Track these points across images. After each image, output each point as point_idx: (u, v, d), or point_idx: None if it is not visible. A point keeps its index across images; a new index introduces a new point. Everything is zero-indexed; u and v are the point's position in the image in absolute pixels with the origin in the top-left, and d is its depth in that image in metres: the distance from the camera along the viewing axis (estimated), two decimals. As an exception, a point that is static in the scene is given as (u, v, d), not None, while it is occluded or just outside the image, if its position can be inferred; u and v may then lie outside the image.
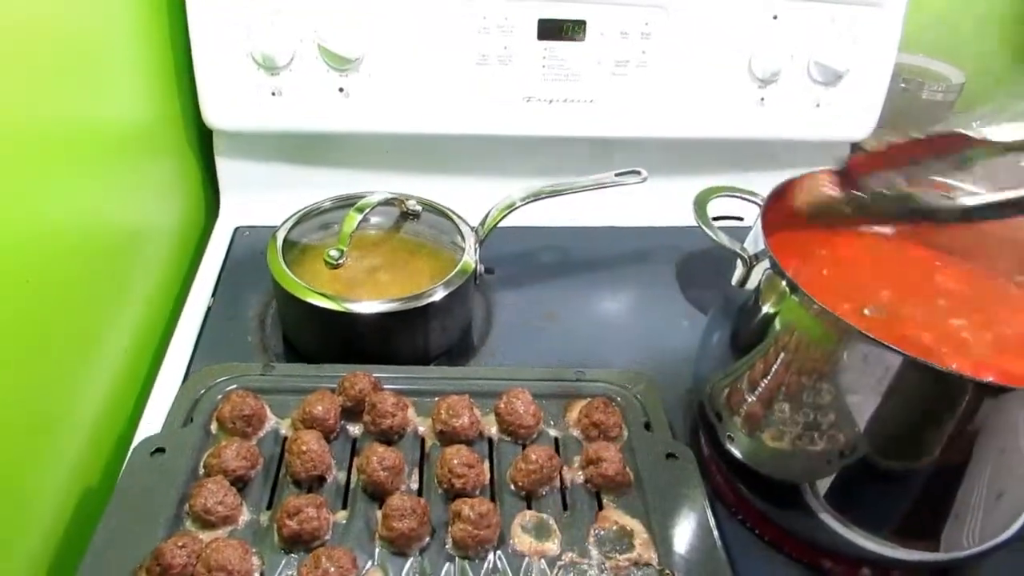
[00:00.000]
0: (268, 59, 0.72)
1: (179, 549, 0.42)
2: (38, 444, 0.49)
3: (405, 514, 0.44)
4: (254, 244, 0.76)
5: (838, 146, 0.88)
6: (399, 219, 0.67)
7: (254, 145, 0.79)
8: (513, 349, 0.66)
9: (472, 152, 0.81)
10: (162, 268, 0.71)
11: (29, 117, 0.48)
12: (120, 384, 0.61)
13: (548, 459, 0.48)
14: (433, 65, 0.75)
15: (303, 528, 0.44)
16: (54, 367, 0.51)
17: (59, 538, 0.51)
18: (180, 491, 0.47)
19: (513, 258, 0.75)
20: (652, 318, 0.72)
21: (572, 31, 0.76)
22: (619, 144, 0.81)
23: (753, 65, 0.79)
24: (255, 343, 0.65)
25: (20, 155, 0.47)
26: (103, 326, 0.58)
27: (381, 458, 0.47)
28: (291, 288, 0.59)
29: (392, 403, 0.51)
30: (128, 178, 0.65)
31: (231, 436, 0.51)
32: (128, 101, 0.65)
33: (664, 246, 0.80)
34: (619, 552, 0.46)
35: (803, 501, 0.49)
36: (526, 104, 0.77)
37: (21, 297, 0.46)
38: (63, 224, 0.52)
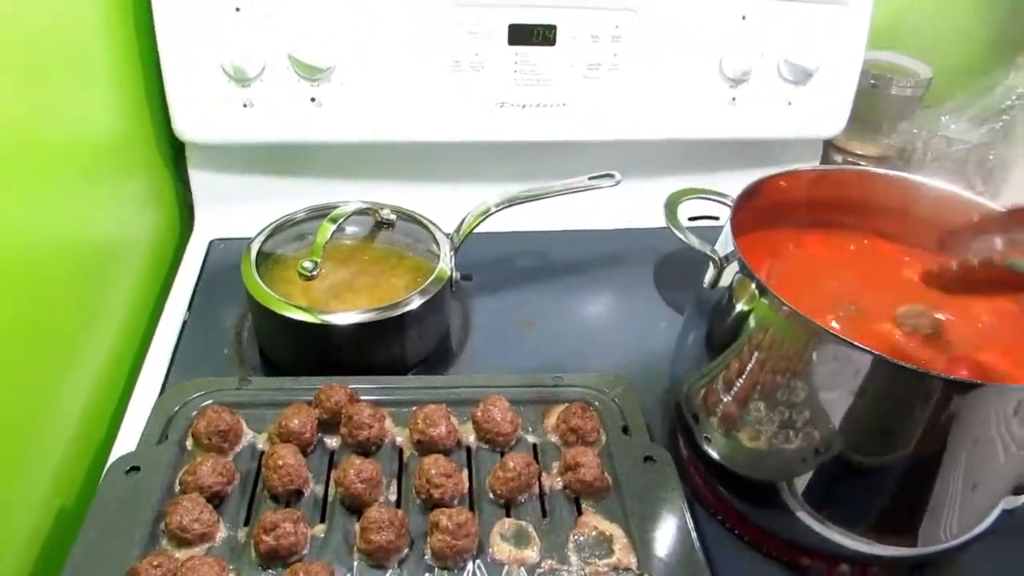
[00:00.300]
0: (239, 70, 0.71)
1: (154, 569, 0.42)
2: (12, 463, 0.48)
3: (383, 526, 0.44)
4: (229, 256, 0.75)
5: (810, 144, 0.89)
6: (373, 228, 0.67)
7: (227, 157, 0.78)
8: (492, 356, 0.66)
9: (446, 159, 0.81)
10: (137, 282, 0.70)
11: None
12: (96, 401, 0.60)
13: (526, 466, 0.49)
14: (406, 72, 0.75)
15: (280, 544, 0.44)
16: (28, 385, 0.51)
17: (35, 557, 0.50)
18: (155, 509, 0.47)
19: (490, 264, 0.75)
20: (630, 320, 0.72)
21: (543, 36, 0.77)
22: (593, 147, 0.82)
23: (724, 65, 0.80)
24: (231, 356, 0.65)
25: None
26: (77, 342, 0.58)
27: (359, 470, 0.47)
28: (265, 301, 0.59)
29: (369, 414, 0.51)
30: (101, 192, 0.64)
31: (207, 452, 0.50)
32: (99, 115, 0.64)
33: (640, 248, 0.80)
34: (598, 557, 0.46)
35: (781, 500, 0.50)
36: (499, 109, 0.78)
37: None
38: (33, 239, 0.51)
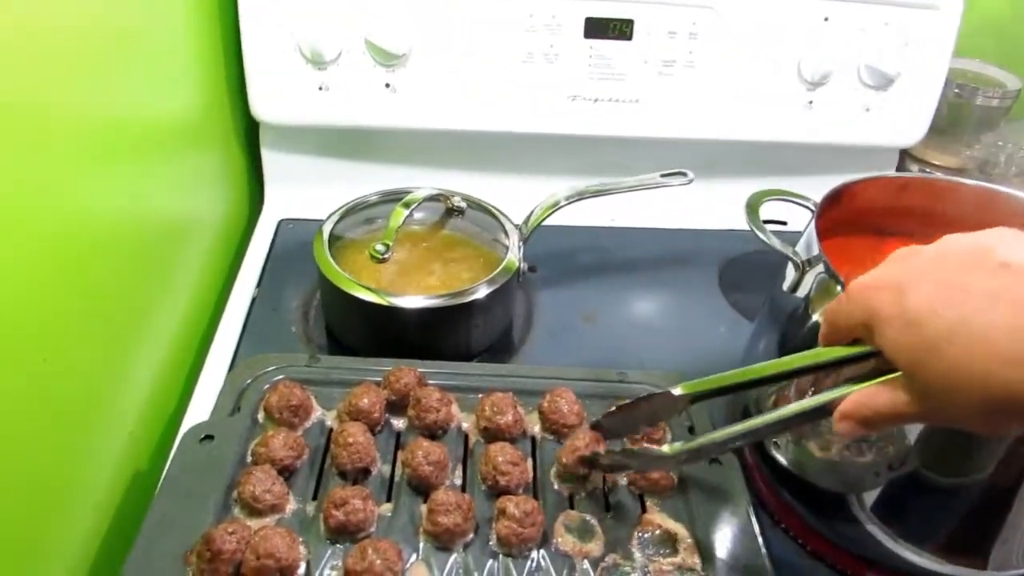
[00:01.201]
0: (316, 54, 0.72)
1: (229, 535, 0.43)
2: (89, 427, 0.50)
3: (450, 509, 0.44)
4: (298, 237, 0.77)
5: (887, 152, 0.87)
6: (444, 215, 0.68)
7: (300, 138, 0.80)
8: (553, 348, 0.66)
9: (516, 150, 0.81)
10: (208, 258, 0.72)
11: (82, 109, 0.48)
12: (167, 371, 0.62)
13: (594, 441, 0.49)
14: (479, 62, 0.75)
15: (349, 519, 0.44)
16: (104, 353, 0.52)
17: (110, 519, 0.52)
18: (228, 478, 0.48)
19: (554, 257, 0.75)
20: (693, 321, 0.71)
21: (619, 30, 0.76)
22: (663, 145, 0.81)
23: (802, 67, 0.78)
24: (299, 334, 0.66)
25: (75, 146, 0.47)
26: (151, 314, 0.60)
27: (426, 453, 0.48)
28: (337, 281, 0.60)
29: (437, 398, 0.51)
30: (177, 169, 0.66)
31: (278, 426, 0.51)
32: (178, 93, 0.66)
33: (707, 249, 0.79)
34: (663, 556, 0.45)
35: (849, 512, 0.49)
36: (571, 103, 0.77)
37: (73, 285, 0.47)
38: (111, 213, 0.53)
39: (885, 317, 0.34)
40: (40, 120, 0.44)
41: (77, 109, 0.48)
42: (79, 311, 0.48)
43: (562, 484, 0.49)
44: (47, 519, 0.46)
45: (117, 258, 0.54)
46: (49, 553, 0.46)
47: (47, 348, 0.45)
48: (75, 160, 0.48)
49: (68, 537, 0.48)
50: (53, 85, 0.45)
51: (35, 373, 0.44)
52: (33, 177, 0.43)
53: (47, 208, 0.44)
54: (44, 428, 0.45)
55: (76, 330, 0.48)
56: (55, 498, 0.47)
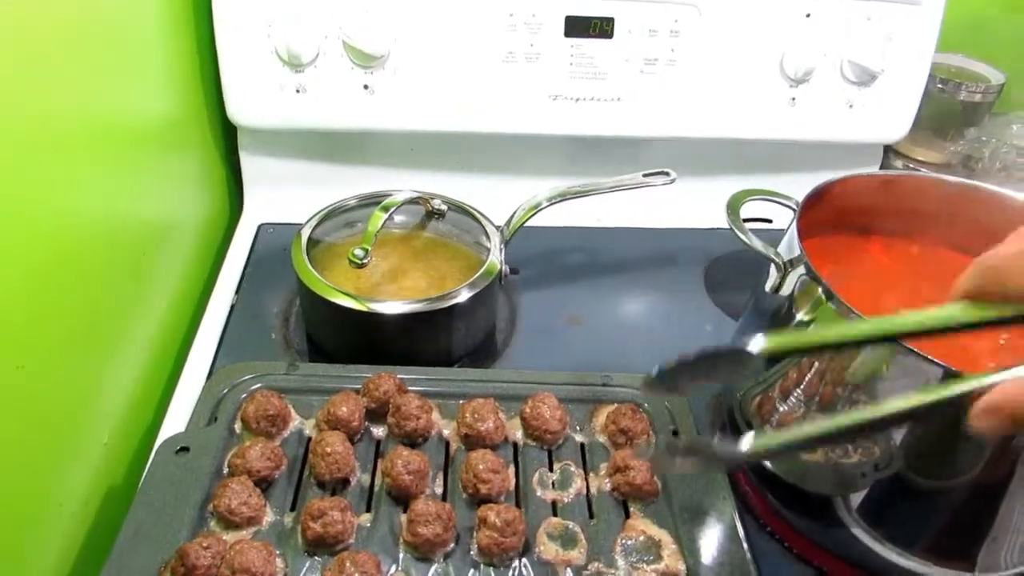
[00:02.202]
0: (293, 56, 0.71)
1: (204, 550, 0.42)
2: (63, 440, 0.49)
3: (431, 520, 0.44)
4: (278, 241, 0.76)
5: (871, 148, 0.86)
6: (424, 218, 0.67)
7: (278, 142, 0.79)
8: (537, 351, 0.65)
9: (497, 150, 0.80)
10: (186, 264, 0.71)
11: (55, 111, 0.47)
12: (144, 380, 0.61)
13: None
14: (459, 62, 0.74)
15: (327, 531, 0.44)
16: (80, 361, 0.51)
17: (84, 535, 0.51)
18: (204, 491, 0.47)
19: (537, 258, 0.75)
20: (679, 322, 0.71)
21: (600, 28, 0.75)
22: (646, 144, 0.80)
23: (785, 64, 0.78)
24: (279, 341, 0.65)
25: (47, 149, 0.46)
26: (128, 320, 0.58)
27: (406, 462, 0.47)
28: (315, 287, 0.59)
29: (417, 405, 0.51)
30: (154, 174, 0.65)
31: (256, 436, 0.50)
32: (154, 96, 0.65)
33: (691, 248, 0.79)
34: (647, 563, 0.45)
35: (835, 514, 0.48)
36: (552, 102, 0.77)
37: (48, 290, 0.46)
38: (88, 218, 0.52)
39: None
40: (12, 124, 0.42)
41: (49, 113, 0.47)
42: (54, 317, 0.47)
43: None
44: (20, 532, 0.45)
45: (93, 263, 0.53)
46: (22, 568, 0.45)
47: (21, 355, 0.43)
48: (49, 164, 0.47)
49: (41, 551, 0.47)
50: (24, 88, 0.44)
51: (9, 382, 0.42)
52: (5, 181, 0.42)
53: (20, 213, 0.43)
54: (18, 437, 0.44)
55: (51, 337, 0.47)
56: (29, 510, 0.46)
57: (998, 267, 0.30)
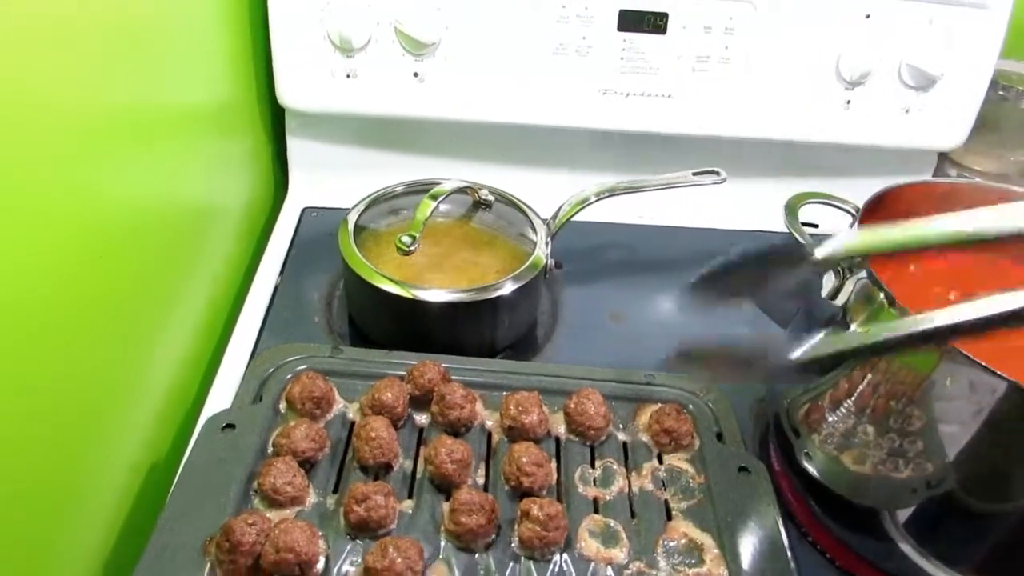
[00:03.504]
0: (345, 41, 0.71)
1: (249, 527, 0.42)
2: (109, 416, 0.50)
3: (473, 510, 0.44)
4: (321, 225, 0.76)
5: (926, 155, 0.84)
6: (471, 208, 0.67)
7: (325, 126, 0.79)
8: (578, 347, 0.65)
9: (544, 143, 0.80)
10: (231, 245, 0.72)
11: (109, 95, 0.48)
12: (189, 358, 0.62)
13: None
14: (510, 53, 0.73)
15: (370, 516, 0.44)
16: (128, 338, 0.52)
17: (129, 508, 0.52)
18: (249, 468, 0.47)
19: (581, 253, 0.74)
20: (722, 324, 0.69)
21: (653, 23, 0.74)
22: (695, 142, 0.79)
23: (841, 66, 0.76)
24: (321, 324, 0.65)
25: (104, 133, 0.47)
26: (175, 300, 0.59)
27: (450, 450, 0.47)
28: (362, 272, 0.59)
29: (461, 395, 0.51)
30: (203, 157, 0.65)
31: (300, 417, 0.51)
32: (205, 80, 0.65)
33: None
34: (688, 566, 0.44)
35: (882, 528, 0.47)
36: (602, 97, 0.76)
37: (98, 270, 0.47)
38: (139, 200, 0.53)
39: None
40: (70, 108, 0.43)
41: (106, 96, 0.47)
42: (103, 296, 0.48)
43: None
44: (67, 506, 0.45)
45: (142, 244, 0.53)
46: (69, 541, 0.46)
47: (71, 332, 0.44)
48: (104, 147, 0.47)
49: (88, 524, 0.48)
50: (83, 73, 0.44)
51: (58, 359, 0.43)
52: (62, 164, 0.42)
53: (75, 195, 0.44)
54: (67, 412, 0.45)
55: (100, 315, 0.48)
56: (77, 482, 0.46)
57: None
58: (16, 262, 0.38)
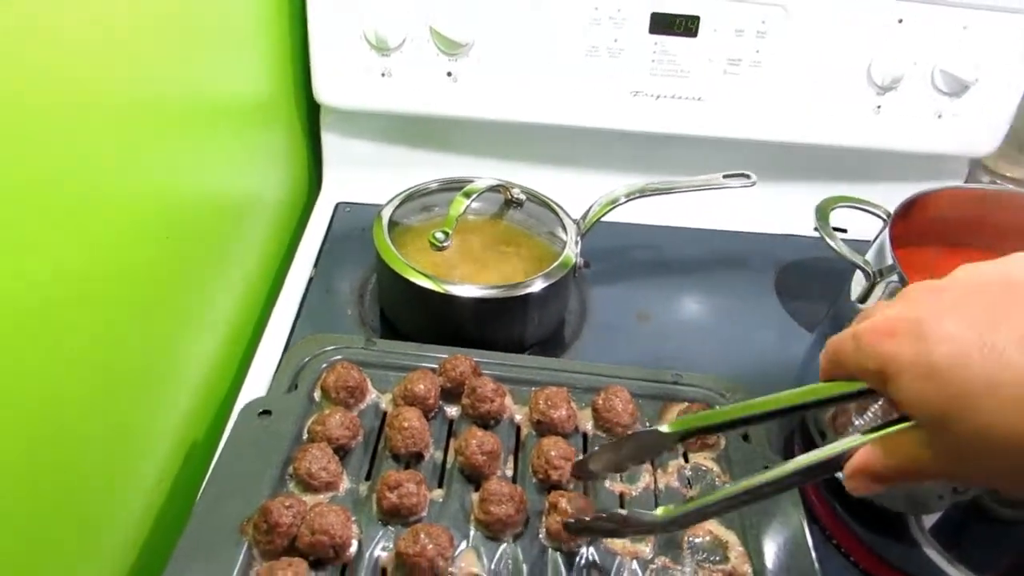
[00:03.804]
0: (381, 40, 0.73)
1: (286, 509, 0.43)
2: (153, 393, 0.52)
3: (503, 500, 0.45)
4: (354, 220, 0.78)
5: (957, 161, 0.84)
6: (502, 206, 0.68)
7: (360, 123, 0.80)
8: (605, 346, 0.66)
9: (575, 144, 0.81)
10: (267, 238, 0.73)
11: (157, 88, 0.49)
12: (225, 346, 0.63)
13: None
14: (542, 54, 0.74)
15: (402, 502, 0.45)
16: (168, 326, 0.53)
17: (168, 488, 0.53)
18: (284, 453, 0.49)
19: (609, 253, 0.75)
20: (748, 326, 0.70)
21: (685, 26, 0.75)
22: (724, 145, 0.79)
23: (873, 71, 0.76)
24: (353, 317, 0.67)
25: (151, 124, 0.49)
26: (212, 290, 0.61)
27: (480, 442, 0.48)
28: (395, 266, 0.60)
29: (492, 388, 0.52)
30: (241, 150, 0.67)
31: (334, 405, 0.52)
32: (246, 76, 0.67)
33: (763, 253, 0.78)
34: (712, 563, 0.45)
35: (907, 532, 0.48)
36: (633, 98, 0.76)
37: (141, 255, 0.48)
38: (180, 192, 0.54)
39: (903, 366, 0.30)
40: (120, 99, 0.44)
41: (153, 88, 0.49)
42: (145, 282, 0.49)
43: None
44: (111, 484, 0.47)
45: (185, 232, 0.55)
46: (111, 517, 0.48)
47: (113, 318, 0.46)
48: (150, 138, 0.49)
49: (128, 501, 0.49)
50: (136, 65, 0.46)
51: (101, 342, 0.45)
52: (110, 153, 0.44)
53: (125, 182, 0.46)
54: (110, 392, 0.46)
55: (141, 301, 0.49)
56: (118, 463, 0.48)
57: (835, 352, 0.34)
58: (71, 245, 0.40)
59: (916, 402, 0.29)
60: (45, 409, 0.39)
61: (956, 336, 0.28)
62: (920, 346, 0.29)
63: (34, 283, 0.37)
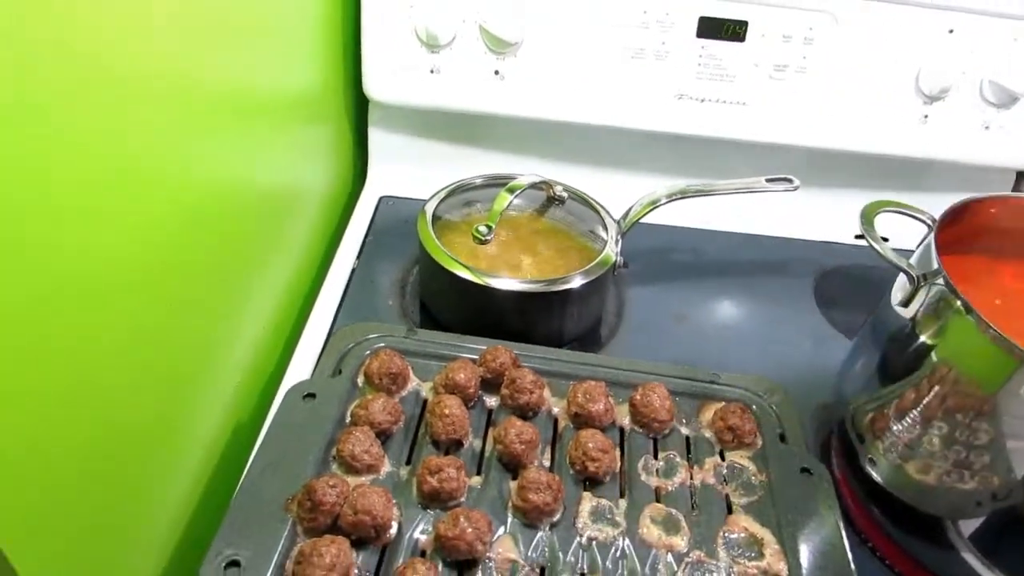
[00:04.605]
0: (431, 37, 0.74)
1: (330, 488, 0.45)
2: (200, 375, 0.53)
3: (541, 488, 0.45)
4: (397, 214, 0.79)
5: (1003, 173, 0.83)
6: (544, 203, 0.69)
7: (406, 119, 0.82)
8: (641, 345, 0.66)
9: (618, 145, 0.81)
10: (312, 228, 0.75)
11: (217, 80, 0.51)
12: (271, 331, 0.65)
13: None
14: (589, 55, 0.75)
15: (443, 487, 0.46)
16: (218, 308, 0.55)
17: (214, 464, 0.55)
18: (328, 436, 0.50)
19: (647, 254, 0.75)
20: (785, 330, 0.70)
21: (732, 31, 0.75)
22: (768, 150, 0.79)
23: (921, 80, 0.76)
24: (394, 307, 0.68)
25: (210, 115, 0.50)
26: (259, 278, 0.62)
27: (519, 431, 0.49)
28: (438, 258, 0.61)
29: (531, 380, 0.52)
30: (291, 140, 0.69)
31: (376, 391, 0.53)
32: (297, 70, 0.69)
33: (802, 259, 0.78)
34: (748, 559, 0.45)
35: (945, 537, 0.47)
36: (677, 101, 0.77)
37: (191, 247, 0.49)
38: (231, 182, 0.56)
39: None
40: (178, 92, 0.46)
41: (210, 82, 0.50)
42: (197, 270, 0.51)
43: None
44: (160, 459, 0.49)
45: (235, 218, 0.56)
46: (160, 491, 0.49)
47: (168, 302, 0.47)
48: (206, 130, 0.50)
49: (177, 476, 0.51)
50: (191, 57, 0.47)
51: (158, 325, 0.46)
52: (169, 144, 0.45)
53: (178, 172, 0.47)
54: (163, 371, 0.48)
55: (194, 287, 0.51)
56: (169, 438, 0.50)
57: None
58: (133, 232, 0.41)
59: None
60: (103, 386, 0.41)
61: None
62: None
63: (100, 265, 0.39)
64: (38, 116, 0.33)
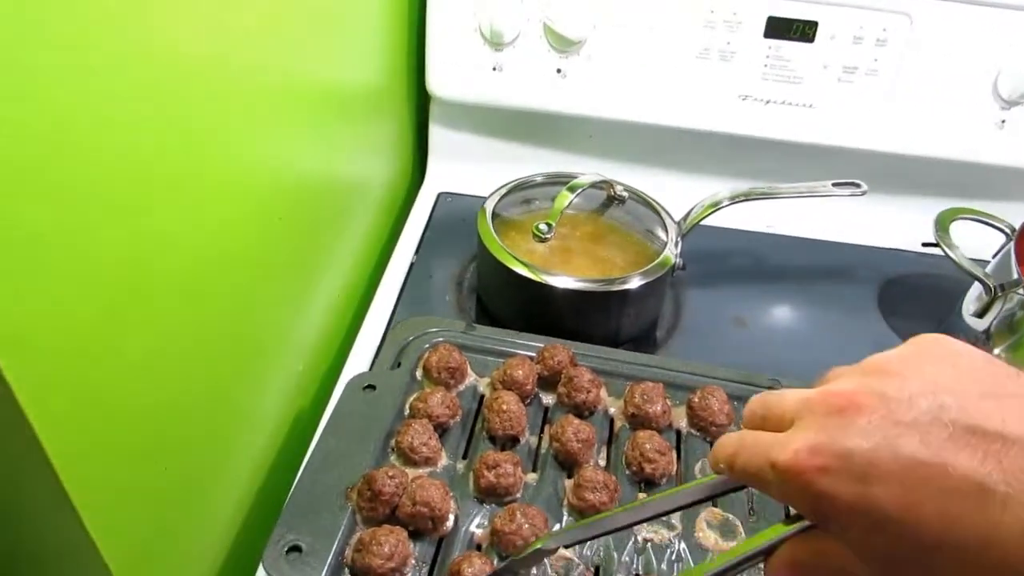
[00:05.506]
0: (495, 34, 0.74)
1: (389, 479, 0.46)
2: (264, 361, 0.55)
3: (597, 487, 0.46)
4: (455, 210, 0.80)
5: (1085, 183, 0.79)
6: (604, 203, 0.68)
7: (467, 116, 0.83)
8: (698, 347, 0.66)
9: (680, 145, 0.80)
10: (372, 222, 0.77)
11: (286, 79, 0.52)
12: (332, 321, 0.66)
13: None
14: (653, 55, 0.75)
15: (500, 482, 0.46)
16: (287, 295, 0.57)
17: (276, 451, 0.57)
18: (387, 427, 0.51)
19: (706, 257, 0.74)
20: (847, 338, 0.68)
21: (802, 31, 0.74)
22: (833, 154, 0.77)
23: (999, 84, 0.73)
24: (452, 302, 0.69)
25: (282, 110, 0.51)
26: (322, 270, 0.64)
27: (576, 430, 0.49)
28: (497, 254, 0.62)
29: (588, 379, 0.53)
30: (354, 134, 0.70)
31: (435, 385, 0.54)
32: (364, 66, 0.70)
33: (866, 266, 0.76)
34: (806, 569, 0.44)
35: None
36: (741, 103, 0.76)
37: (268, 232, 0.51)
38: (299, 175, 0.57)
39: (842, 510, 0.26)
40: (252, 85, 0.47)
41: (281, 76, 0.51)
42: (263, 257, 0.52)
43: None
44: (227, 443, 0.50)
45: (302, 211, 0.58)
46: (225, 474, 0.51)
47: (237, 292, 0.48)
48: (275, 123, 0.51)
49: (241, 462, 0.53)
50: (263, 51, 0.48)
51: (226, 314, 0.47)
52: (242, 137, 0.46)
53: (249, 165, 0.48)
54: (232, 359, 0.49)
55: (261, 279, 0.52)
56: (234, 425, 0.51)
57: (713, 453, 0.33)
58: (207, 222, 0.43)
59: (861, 551, 0.26)
60: (174, 371, 0.42)
61: (904, 481, 0.24)
62: (861, 488, 0.25)
63: (180, 255, 0.40)
64: (179, 124, 0.37)
